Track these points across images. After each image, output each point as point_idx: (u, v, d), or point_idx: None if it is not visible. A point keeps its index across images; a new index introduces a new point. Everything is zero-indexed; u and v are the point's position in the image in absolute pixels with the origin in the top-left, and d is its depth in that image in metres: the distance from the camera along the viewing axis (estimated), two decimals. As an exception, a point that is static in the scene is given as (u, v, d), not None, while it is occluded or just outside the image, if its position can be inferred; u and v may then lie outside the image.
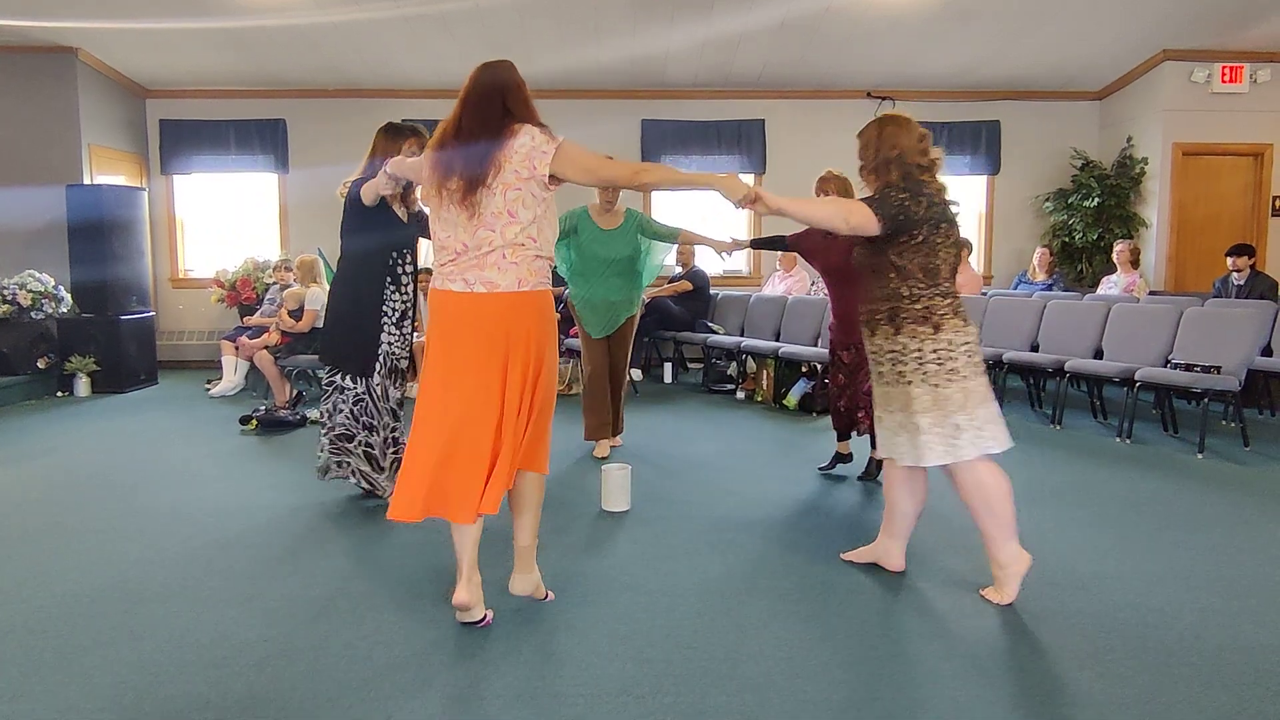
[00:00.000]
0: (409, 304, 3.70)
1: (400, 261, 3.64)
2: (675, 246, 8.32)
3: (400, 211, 3.61)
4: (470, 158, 2.40)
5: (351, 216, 3.58)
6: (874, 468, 4.19)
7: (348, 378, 3.64)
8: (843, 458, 4.34)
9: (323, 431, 3.73)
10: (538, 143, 2.40)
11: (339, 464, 3.72)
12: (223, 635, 2.48)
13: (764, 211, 2.64)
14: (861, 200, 2.70)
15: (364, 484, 3.73)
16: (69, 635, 2.48)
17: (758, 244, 4.67)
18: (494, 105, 2.44)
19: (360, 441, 3.66)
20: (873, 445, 4.00)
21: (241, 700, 2.12)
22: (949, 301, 2.68)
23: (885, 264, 2.71)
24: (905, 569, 2.95)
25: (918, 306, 2.68)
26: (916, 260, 2.67)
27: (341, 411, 3.65)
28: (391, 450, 3.70)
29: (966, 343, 2.68)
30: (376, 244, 3.57)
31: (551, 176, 2.44)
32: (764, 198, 2.60)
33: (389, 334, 3.64)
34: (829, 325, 4.28)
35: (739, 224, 8.94)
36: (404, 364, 3.74)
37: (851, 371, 3.99)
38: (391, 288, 3.62)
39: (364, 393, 3.63)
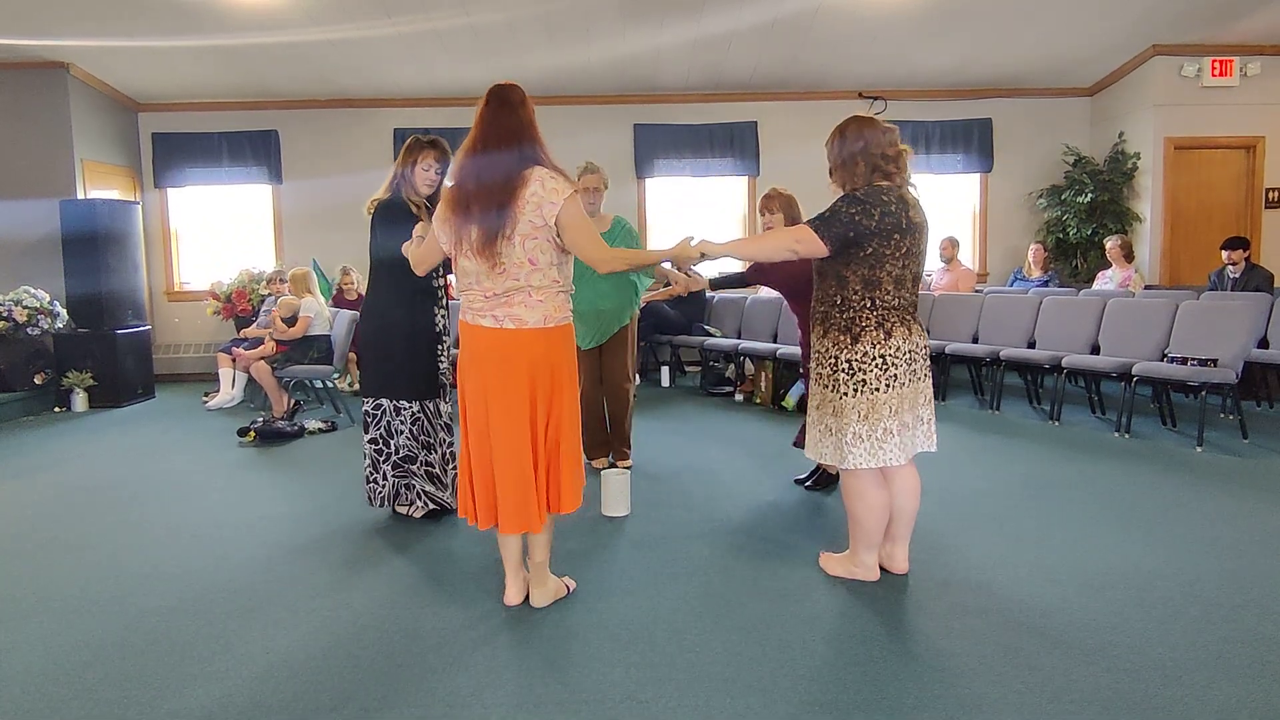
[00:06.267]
0: (446, 318, 3.64)
1: (438, 277, 3.58)
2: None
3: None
4: (487, 212, 2.44)
5: (387, 236, 3.44)
6: (825, 477, 4.06)
7: (401, 399, 3.55)
8: (830, 476, 4.05)
9: (380, 459, 3.58)
10: (546, 191, 2.45)
11: (406, 487, 3.62)
12: (225, 647, 2.47)
13: (716, 256, 2.76)
14: (807, 224, 2.70)
15: (430, 504, 3.64)
16: (70, 650, 2.47)
17: (716, 284, 4.13)
18: (510, 153, 2.48)
19: (422, 462, 3.60)
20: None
21: (245, 712, 2.11)
22: (878, 313, 2.69)
23: (830, 271, 2.76)
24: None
25: (845, 316, 2.72)
26: (860, 272, 2.68)
27: (401, 434, 3.56)
28: (452, 466, 3.65)
29: (882, 356, 2.68)
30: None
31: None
32: (708, 247, 2.74)
33: (438, 353, 3.58)
34: (800, 342, 4.08)
35: (735, 228, 8.95)
36: (447, 379, 3.62)
37: None
38: (435, 307, 3.57)
39: (419, 412, 3.57)
